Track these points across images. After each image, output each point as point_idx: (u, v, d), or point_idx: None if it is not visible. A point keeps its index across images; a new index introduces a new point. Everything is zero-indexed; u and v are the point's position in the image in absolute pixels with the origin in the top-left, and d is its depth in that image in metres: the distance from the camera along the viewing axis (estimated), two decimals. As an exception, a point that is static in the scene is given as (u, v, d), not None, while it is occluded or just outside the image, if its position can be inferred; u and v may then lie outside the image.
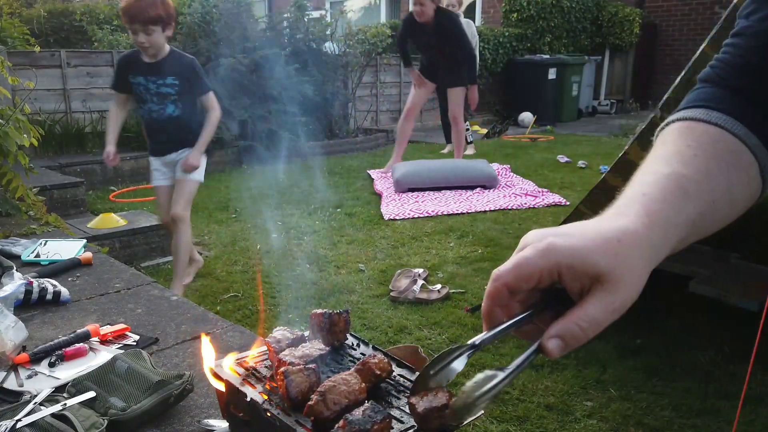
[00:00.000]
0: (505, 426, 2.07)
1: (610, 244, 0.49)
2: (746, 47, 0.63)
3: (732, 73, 0.63)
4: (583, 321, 0.49)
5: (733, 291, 3.01)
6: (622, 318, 0.53)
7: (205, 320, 1.77)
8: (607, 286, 0.49)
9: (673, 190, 0.54)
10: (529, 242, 0.52)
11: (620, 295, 0.50)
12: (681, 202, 0.54)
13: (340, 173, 6.29)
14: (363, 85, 8.64)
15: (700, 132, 0.60)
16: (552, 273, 0.50)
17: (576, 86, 10.34)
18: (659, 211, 0.52)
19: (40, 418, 1.11)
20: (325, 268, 3.57)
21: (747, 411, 2.09)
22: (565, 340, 0.50)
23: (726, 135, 0.59)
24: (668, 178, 0.55)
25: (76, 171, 5.50)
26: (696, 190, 0.55)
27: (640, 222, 0.51)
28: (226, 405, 1.08)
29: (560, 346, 0.50)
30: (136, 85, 3.01)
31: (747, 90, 0.62)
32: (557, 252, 0.49)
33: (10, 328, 1.45)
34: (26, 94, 4.69)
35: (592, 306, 0.49)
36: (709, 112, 0.61)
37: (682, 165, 0.56)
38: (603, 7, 11.31)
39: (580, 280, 0.50)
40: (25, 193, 2.77)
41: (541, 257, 0.50)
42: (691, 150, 0.58)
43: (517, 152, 7.49)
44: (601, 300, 0.49)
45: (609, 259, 0.49)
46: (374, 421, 0.80)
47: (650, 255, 0.51)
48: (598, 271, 0.49)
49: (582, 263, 0.49)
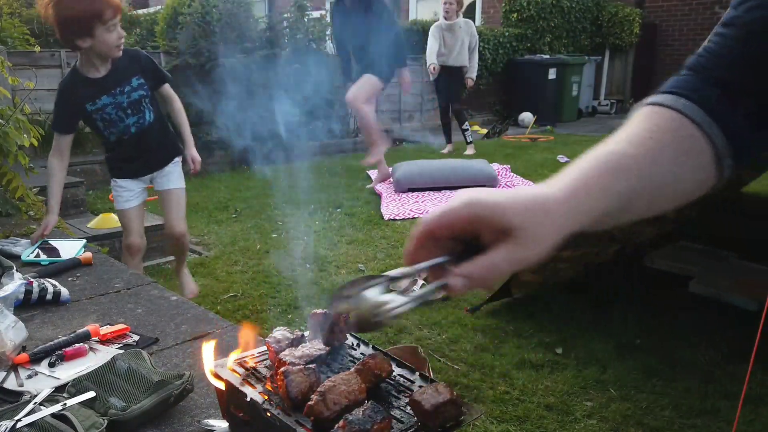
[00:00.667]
0: (505, 426, 2.07)
1: (528, 205, 0.54)
2: (733, 37, 0.65)
3: (716, 63, 0.65)
4: (486, 266, 0.54)
5: (732, 291, 3.01)
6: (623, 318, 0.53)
7: (205, 320, 1.77)
8: (514, 240, 0.54)
9: (609, 165, 0.58)
10: (457, 197, 0.57)
11: (523, 250, 0.54)
12: (614, 177, 0.57)
13: (340, 173, 6.29)
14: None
15: (664, 117, 0.64)
16: (471, 222, 0.55)
17: (576, 86, 10.33)
18: (588, 181, 0.57)
19: (40, 418, 1.11)
20: (325, 268, 3.57)
21: (747, 411, 2.09)
22: (469, 278, 0.55)
23: (687, 123, 0.63)
24: (610, 154, 0.59)
25: (76, 171, 5.49)
26: (635, 169, 0.59)
27: (566, 192, 0.56)
28: (226, 405, 1.08)
29: (464, 284, 0.55)
30: (99, 111, 2.53)
31: (728, 79, 0.64)
32: (479, 204, 0.55)
33: (10, 328, 1.45)
34: (26, 94, 4.68)
35: (497, 254, 0.54)
36: (678, 99, 0.64)
37: (631, 145, 0.60)
38: (603, 7, 11.30)
39: (494, 231, 0.55)
40: (25, 193, 2.77)
41: (464, 207, 0.55)
42: (647, 133, 0.62)
43: (517, 152, 7.49)
44: (506, 251, 0.54)
45: (522, 217, 0.54)
46: (374, 421, 0.80)
47: (564, 221, 0.55)
48: (509, 226, 0.54)
49: (498, 217, 0.54)
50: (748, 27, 0.63)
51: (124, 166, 2.74)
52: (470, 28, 7.06)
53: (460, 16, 7.03)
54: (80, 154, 6.01)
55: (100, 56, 2.47)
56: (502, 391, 2.27)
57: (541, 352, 2.57)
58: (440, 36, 6.93)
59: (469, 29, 7.02)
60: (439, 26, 6.97)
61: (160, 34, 7.56)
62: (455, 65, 7.01)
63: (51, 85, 6.05)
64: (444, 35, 6.92)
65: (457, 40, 6.91)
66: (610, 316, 2.86)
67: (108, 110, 2.54)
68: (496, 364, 2.46)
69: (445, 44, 6.93)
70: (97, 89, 2.51)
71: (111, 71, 2.52)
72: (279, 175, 5.65)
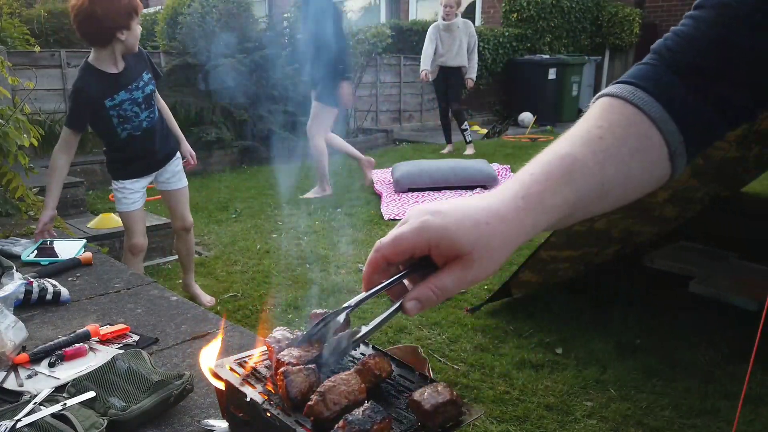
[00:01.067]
0: (505, 426, 2.07)
1: (478, 227, 0.56)
2: (705, 19, 0.63)
3: (684, 46, 0.64)
4: (437, 288, 0.57)
5: (732, 291, 3.01)
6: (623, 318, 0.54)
7: (205, 320, 1.77)
8: (464, 263, 0.56)
9: (557, 173, 0.58)
10: (410, 217, 0.59)
11: (473, 271, 0.56)
12: (561, 185, 0.58)
13: (340, 173, 6.29)
14: (363, 85, 8.64)
15: (618, 112, 0.63)
16: (423, 248, 0.57)
17: (576, 86, 10.33)
18: (536, 193, 0.57)
19: (40, 418, 1.11)
20: (325, 268, 3.57)
21: (747, 411, 2.09)
22: (421, 301, 0.58)
23: (641, 117, 0.62)
24: (560, 159, 0.59)
25: (76, 171, 5.50)
26: (584, 173, 0.59)
27: (513, 206, 0.57)
28: (226, 405, 1.08)
29: (417, 307, 0.58)
30: (117, 107, 2.56)
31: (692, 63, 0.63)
32: (429, 230, 0.56)
33: (10, 328, 1.45)
34: (26, 94, 4.69)
35: (447, 277, 0.57)
36: (635, 91, 0.63)
37: (581, 146, 0.60)
38: (603, 7, 11.30)
39: (444, 255, 0.57)
40: (25, 193, 2.77)
41: (415, 234, 0.57)
42: (600, 131, 0.61)
43: (517, 152, 7.49)
44: (455, 273, 0.56)
45: (472, 241, 0.55)
46: (374, 421, 0.80)
47: (516, 236, 0.57)
48: (459, 251, 0.56)
49: (448, 242, 0.56)
50: (720, 9, 0.62)
51: (129, 166, 2.74)
52: (469, 29, 7.05)
53: (459, 16, 7.03)
54: (80, 154, 6.01)
55: (126, 49, 2.52)
56: (502, 391, 2.27)
57: (541, 352, 2.57)
58: (437, 37, 6.93)
59: (467, 29, 7.01)
60: (437, 27, 6.97)
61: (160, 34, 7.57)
62: (454, 65, 7.00)
63: (51, 85, 6.07)
64: (442, 36, 6.92)
65: (455, 40, 6.90)
66: (610, 316, 2.86)
67: (125, 106, 2.57)
68: (496, 364, 2.46)
69: (443, 45, 6.93)
70: (115, 85, 2.53)
71: (125, 67, 2.56)
72: (279, 174, 5.65)
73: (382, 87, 9.35)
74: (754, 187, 4.77)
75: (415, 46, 9.62)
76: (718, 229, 3.84)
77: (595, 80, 11.15)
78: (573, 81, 10.20)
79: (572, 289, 3.13)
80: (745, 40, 0.60)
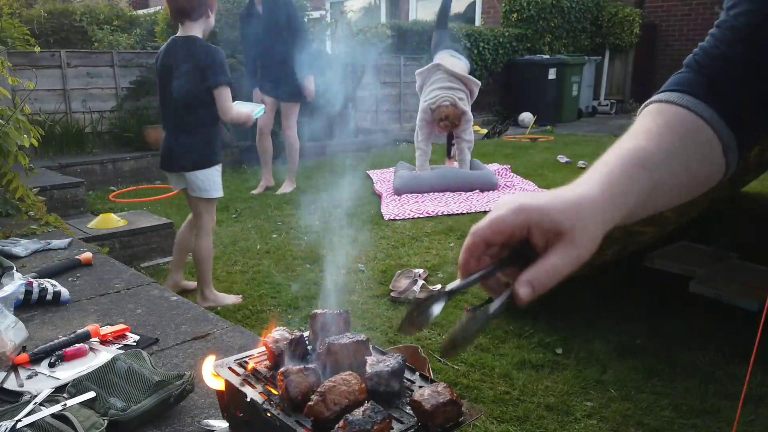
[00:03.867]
0: (505, 426, 2.07)
1: (572, 206, 0.57)
2: (722, 39, 0.68)
3: (708, 61, 0.69)
4: (548, 269, 0.56)
5: (733, 291, 3.01)
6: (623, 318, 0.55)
7: (205, 320, 1.77)
8: (567, 241, 0.56)
9: (631, 162, 0.61)
10: (501, 204, 0.59)
11: (577, 250, 0.56)
12: (637, 174, 0.60)
13: (340, 173, 6.29)
14: (363, 85, 8.64)
15: (671, 113, 0.67)
16: (522, 228, 0.57)
17: (576, 86, 10.33)
18: (616, 180, 0.59)
19: (40, 419, 1.11)
20: (325, 268, 3.57)
21: (747, 411, 2.09)
22: (533, 285, 0.57)
23: (694, 117, 0.66)
24: (629, 152, 0.62)
25: (76, 171, 5.50)
26: (654, 163, 0.61)
27: (599, 189, 0.58)
28: (226, 405, 1.08)
29: (529, 292, 0.57)
30: None
31: (718, 77, 0.68)
32: (527, 210, 0.57)
33: (10, 328, 1.45)
34: (26, 94, 4.69)
35: (555, 257, 0.56)
36: (682, 96, 0.67)
37: (645, 140, 0.63)
38: (603, 7, 11.30)
39: (545, 235, 0.57)
40: (25, 193, 2.77)
41: (514, 214, 0.57)
42: (659, 128, 0.65)
43: (517, 152, 7.49)
44: (562, 253, 0.56)
45: (570, 219, 0.56)
46: (374, 421, 0.80)
47: (604, 219, 0.58)
48: (560, 228, 0.56)
49: (548, 220, 0.56)
50: (734, 33, 0.67)
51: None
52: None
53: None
54: (80, 154, 6.02)
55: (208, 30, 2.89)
56: (502, 391, 2.27)
57: (541, 352, 2.56)
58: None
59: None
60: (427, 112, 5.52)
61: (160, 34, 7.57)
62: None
63: (51, 86, 6.07)
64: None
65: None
66: (610, 316, 2.86)
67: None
68: (496, 364, 2.46)
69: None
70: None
71: None
72: (279, 175, 5.65)
73: (383, 87, 9.35)
74: (754, 187, 4.77)
75: (415, 47, 9.62)
76: (718, 229, 3.84)
77: (595, 80, 11.16)
78: (573, 81, 10.20)
79: (572, 289, 3.12)
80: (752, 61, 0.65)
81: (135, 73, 6.61)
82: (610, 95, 11.87)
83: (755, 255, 3.37)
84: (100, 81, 6.41)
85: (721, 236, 3.70)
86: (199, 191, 2.89)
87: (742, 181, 4.15)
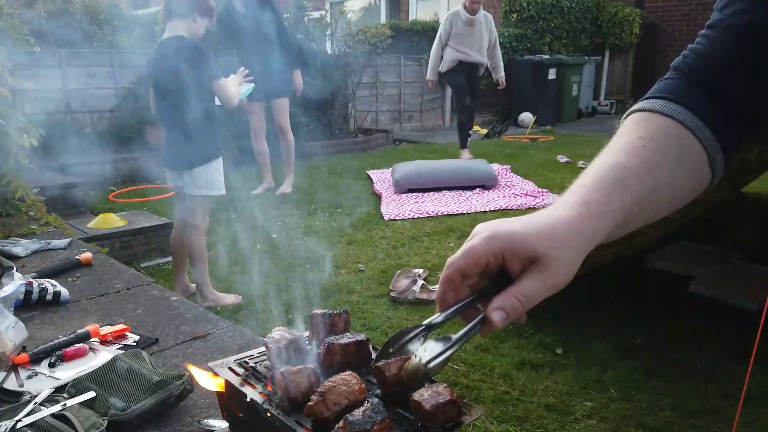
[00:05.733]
0: (505, 426, 2.07)
1: (546, 231, 0.55)
2: (718, 39, 0.66)
3: (701, 64, 0.67)
4: (521, 295, 0.55)
5: (733, 291, 3.00)
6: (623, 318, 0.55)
7: (205, 320, 1.77)
8: (541, 267, 0.55)
9: (610, 181, 0.59)
10: (477, 232, 0.58)
11: (552, 275, 0.55)
12: (617, 192, 0.59)
13: (340, 173, 6.29)
14: (363, 85, 8.64)
15: (655, 124, 0.65)
16: (497, 256, 0.56)
17: (576, 86, 10.33)
18: (594, 200, 0.58)
19: (40, 419, 1.11)
20: (325, 268, 3.57)
21: (747, 411, 2.09)
22: (506, 311, 0.55)
23: (679, 127, 0.64)
24: (610, 169, 0.60)
25: (76, 171, 5.50)
26: (635, 180, 0.60)
27: (575, 212, 0.57)
28: (225, 405, 1.08)
29: (503, 317, 0.55)
30: None
31: (711, 81, 0.65)
32: (500, 237, 0.56)
33: (10, 328, 1.45)
34: (26, 94, 4.68)
35: (527, 283, 0.55)
36: (667, 104, 0.65)
37: (627, 156, 0.61)
38: (603, 7, 11.30)
39: (519, 261, 0.56)
40: (25, 193, 2.77)
41: (486, 243, 0.56)
42: (641, 141, 0.63)
43: (517, 152, 7.48)
44: (535, 278, 0.55)
45: (544, 243, 0.55)
46: (374, 421, 0.80)
47: (582, 241, 0.57)
48: (534, 254, 0.55)
49: (521, 246, 0.55)
50: (732, 31, 0.65)
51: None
52: (489, 24, 6.57)
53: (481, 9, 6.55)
54: (80, 154, 6.02)
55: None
56: (502, 392, 2.27)
57: (541, 352, 2.56)
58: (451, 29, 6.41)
59: (488, 24, 6.55)
60: (457, 16, 6.44)
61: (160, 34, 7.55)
62: (475, 62, 6.53)
63: (51, 85, 6.07)
64: (462, 29, 6.41)
65: (476, 36, 6.46)
66: (610, 316, 2.86)
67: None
68: (496, 364, 2.46)
69: (463, 40, 6.44)
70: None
71: None
72: (279, 175, 5.65)
73: (382, 87, 9.35)
74: (754, 188, 4.77)
75: (415, 47, 9.62)
76: (718, 229, 3.83)
77: (595, 80, 11.15)
78: (573, 81, 10.20)
79: (572, 289, 3.12)
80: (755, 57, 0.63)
81: (135, 73, 6.61)
82: (610, 95, 11.86)
83: (755, 255, 3.37)
84: (100, 81, 6.41)
85: (721, 236, 3.70)
86: (199, 189, 2.88)
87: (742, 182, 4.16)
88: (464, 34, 6.46)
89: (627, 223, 0.61)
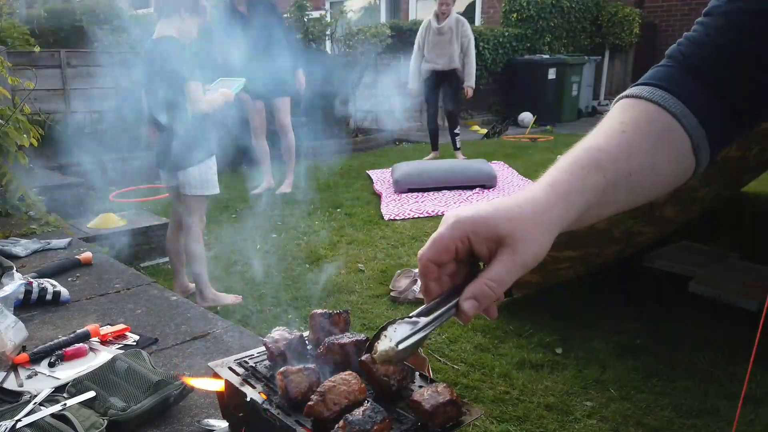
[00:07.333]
0: (505, 426, 2.07)
1: (510, 211, 0.56)
2: (713, 26, 0.66)
3: (695, 51, 0.66)
4: (491, 280, 0.55)
5: (732, 291, 3.01)
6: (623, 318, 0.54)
7: (205, 320, 1.77)
8: (507, 247, 0.55)
9: (584, 161, 0.60)
10: (444, 221, 0.58)
11: (519, 254, 0.55)
12: (589, 173, 0.59)
13: (340, 173, 6.29)
14: (363, 85, 8.63)
15: (639, 110, 0.65)
16: (463, 240, 0.56)
17: (576, 86, 10.32)
18: (564, 180, 0.58)
19: (40, 418, 1.11)
20: (325, 268, 3.57)
21: (747, 411, 2.09)
22: (478, 299, 0.56)
23: (663, 113, 0.64)
24: (585, 151, 0.61)
25: (76, 171, 5.50)
26: (610, 162, 0.60)
27: (543, 192, 0.57)
28: (225, 405, 1.08)
29: (473, 305, 0.56)
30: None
31: (703, 69, 0.65)
32: (463, 222, 0.56)
33: (10, 328, 1.45)
34: (26, 94, 4.68)
35: (496, 266, 0.55)
36: (654, 91, 0.65)
37: (605, 139, 0.62)
38: (603, 7, 11.30)
39: (485, 243, 0.56)
40: (25, 193, 2.77)
41: (451, 229, 0.56)
42: (623, 126, 0.63)
43: (517, 152, 7.48)
44: (503, 260, 0.55)
45: (507, 223, 0.55)
46: (374, 421, 0.80)
47: (549, 220, 0.56)
48: (498, 234, 0.55)
49: (484, 228, 0.55)
50: (728, 17, 0.64)
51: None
52: (461, 28, 6.44)
53: (453, 14, 6.49)
54: (80, 154, 6.01)
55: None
56: (502, 391, 2.27)
57: (541, 352, 2.56)
58: (425, 41, 6.47)
59: (460, 29, 6.42)
60: (426, 28, 6.47)
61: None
62: (446, 70, 6.52)
63: (51, 86, 6.06)
64: (431, 38, 6.43)
65: (446, 43, 6.39)
66: (610, 316, 2.86)
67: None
68: (496, 364, 2.46)
69: (434, 48, 6.44)
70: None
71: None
72: (278, 175, 5.65)
73: (382, 87, 9.34)
74: (754, 187, 4.77)
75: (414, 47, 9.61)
76: (718, 229, 3.84)
77: (594, 80, 11.15)
78: (573, 81, 10.19)
79: (572, 289, 3.13)
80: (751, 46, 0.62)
81: (135, 73, 6.61)
82: (609, 95, 11.85)
83: (755, 255, 3.37)
84: (100, 81, 6.40)
85: (721, 236, 3.70)
86: (192, 188, 2.88)
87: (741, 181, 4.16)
88: (434, 43, 6.48)
89: (603, 204, 0.61)
